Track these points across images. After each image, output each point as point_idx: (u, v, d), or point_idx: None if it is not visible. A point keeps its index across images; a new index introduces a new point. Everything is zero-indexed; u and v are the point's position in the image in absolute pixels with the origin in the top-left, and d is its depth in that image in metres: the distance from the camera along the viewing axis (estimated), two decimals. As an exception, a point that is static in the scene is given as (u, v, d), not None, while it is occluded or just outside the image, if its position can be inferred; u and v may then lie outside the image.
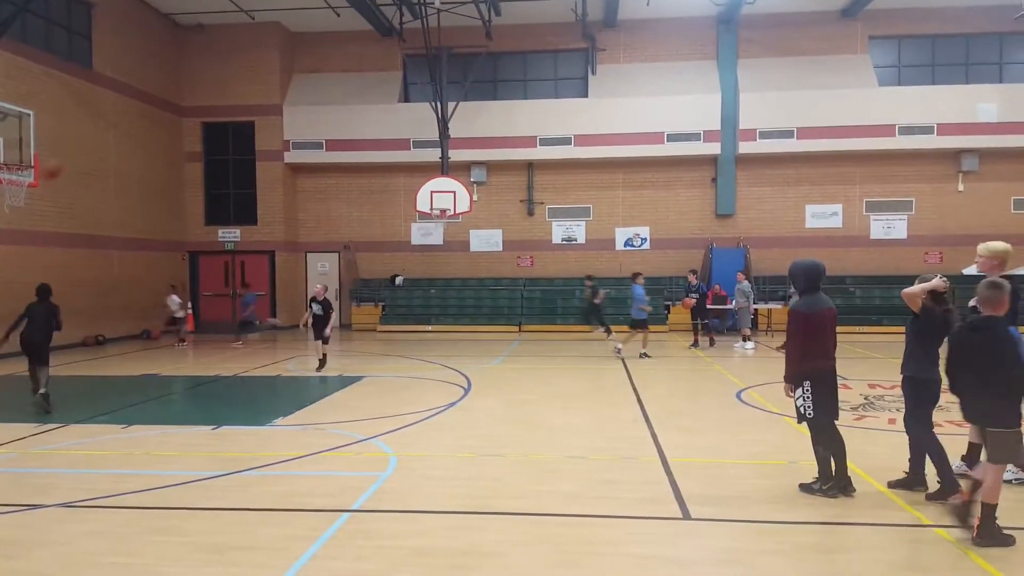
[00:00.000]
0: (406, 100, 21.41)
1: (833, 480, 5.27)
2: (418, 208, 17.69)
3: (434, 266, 21.61)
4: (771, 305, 18.69)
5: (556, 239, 21.40)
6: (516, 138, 20.41)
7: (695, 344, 15.56)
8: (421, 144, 20.13)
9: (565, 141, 20.30)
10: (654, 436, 7.04)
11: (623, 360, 13.30)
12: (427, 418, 8.28)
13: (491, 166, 21.16)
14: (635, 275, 14.15)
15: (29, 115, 11.85)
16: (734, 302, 15.90)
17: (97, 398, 10.14)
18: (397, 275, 21.41)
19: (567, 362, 13.64)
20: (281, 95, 20.99)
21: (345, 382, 11.07)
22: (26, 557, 4.36)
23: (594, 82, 20.82)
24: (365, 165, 21.17)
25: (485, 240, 21.47)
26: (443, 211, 17.44)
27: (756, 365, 13.06)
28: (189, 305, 20.76)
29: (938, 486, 5.11)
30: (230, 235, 21.21)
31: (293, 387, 11.22)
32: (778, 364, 12.51)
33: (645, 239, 20.97)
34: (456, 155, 19.51)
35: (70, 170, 16.17)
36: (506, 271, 21.51)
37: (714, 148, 19.98)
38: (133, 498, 5.43)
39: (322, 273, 21.91)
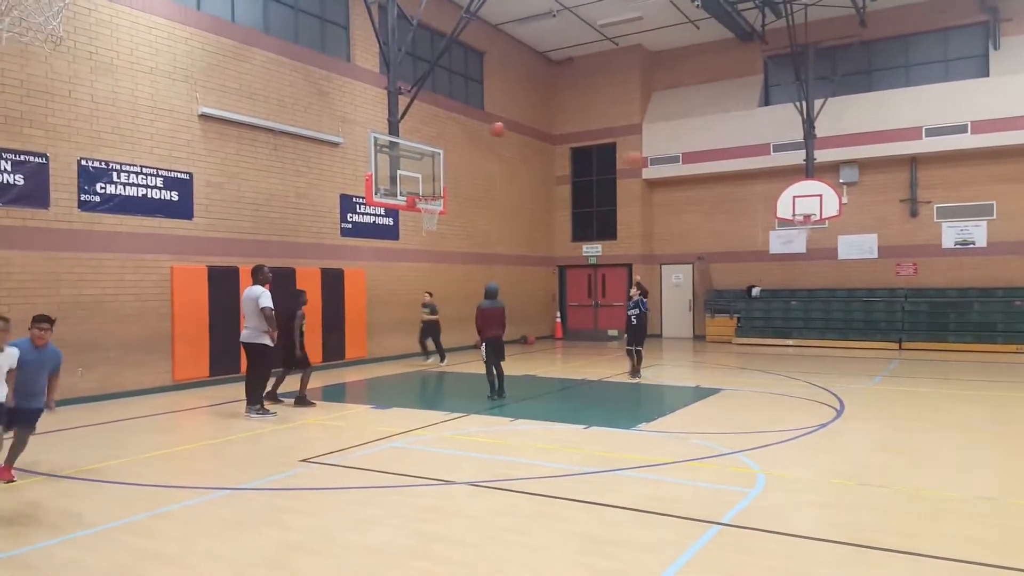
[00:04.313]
0: (766, 104, 20.53)
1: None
2: (778, 215, 16.81)
3: (794, 275, 20.23)
4: None
5: (947, 243, 18.29)
6: (894, 131, 18.06)
7: (636, 373, 12.62)
8: (782, 147, 19.10)
9: (959, 129, 17.30)
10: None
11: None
12: (795, 438, 7.78)
13: (864, 164, 19.05)
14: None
15: (439, 154, 13.90)
16: None
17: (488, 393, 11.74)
18: (754, 286, 20.58)
19: (964, 387, 11.53)
20: (641, 114, 21.87)
21: (702, 393, 11.02)
22: (444, 524, 5.20)
23: (996, 58, 17.42)
24: (720, 175, 20.82)
25: (856, 246, 19.37)
26: (807, 216, 16.28)
27: None
28: (558, 314, 22.94)
29: None
30: (593, 250, 22.77)
31: (653, 395, 11.57)
32: None
33: (1081, 241, 16.69)
34: (822, 155, 18.05)
35: (467, 197, 19.16)
36: (882, 280, 19.09)
37: None
38: (522, 484, 6.16)
39: (676, 284, 22.18)
